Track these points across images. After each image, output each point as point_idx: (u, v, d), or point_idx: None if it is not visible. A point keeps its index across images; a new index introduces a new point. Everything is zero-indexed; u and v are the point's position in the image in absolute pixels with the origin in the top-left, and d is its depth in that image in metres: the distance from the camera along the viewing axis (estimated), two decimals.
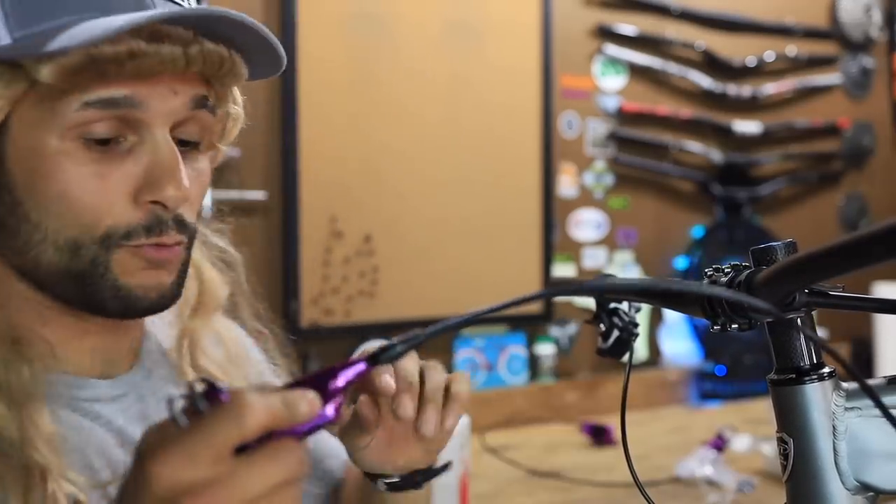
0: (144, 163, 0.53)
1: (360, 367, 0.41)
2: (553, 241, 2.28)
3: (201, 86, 0.55)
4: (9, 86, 0.49)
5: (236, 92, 0.60)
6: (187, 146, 0.56)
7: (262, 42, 0.54)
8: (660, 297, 0.61)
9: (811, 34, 2.72)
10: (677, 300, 0.58)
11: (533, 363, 2.21)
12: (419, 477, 0.66)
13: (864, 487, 0.51)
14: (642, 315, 0.94)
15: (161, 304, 0.56)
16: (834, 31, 2.76)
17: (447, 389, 0.61)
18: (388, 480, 0.65)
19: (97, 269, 0.53)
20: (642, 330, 2.26)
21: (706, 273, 0.54)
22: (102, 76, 0.50)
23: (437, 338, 0.41)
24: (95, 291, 0.54)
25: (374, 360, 0.41)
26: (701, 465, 1.60)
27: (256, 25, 0.53)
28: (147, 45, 0.49)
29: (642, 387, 2.27)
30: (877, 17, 2.82)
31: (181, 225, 0.55)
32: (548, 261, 2.26)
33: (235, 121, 0.60)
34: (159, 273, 0.55)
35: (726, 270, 0.52)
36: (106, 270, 0.53)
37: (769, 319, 0.53)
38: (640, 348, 2.36)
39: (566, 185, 2.33)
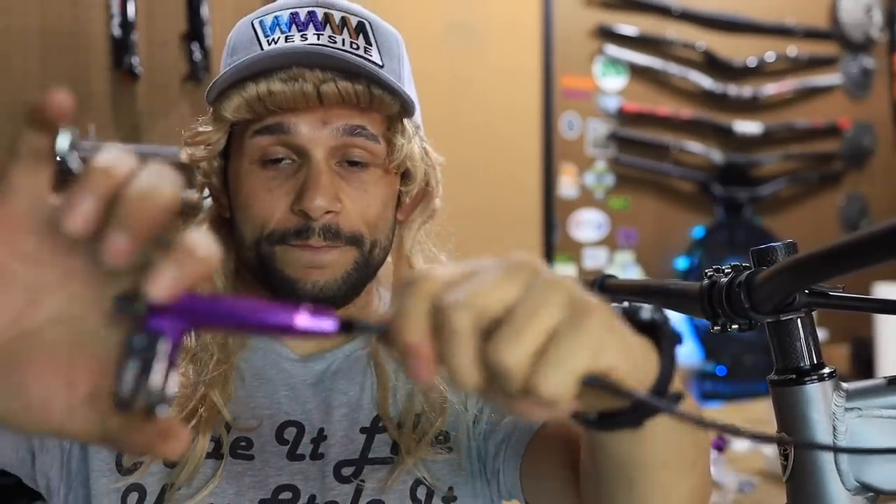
0: (301, 179, 0.65)
1: (329, 325, 0.34)
2: (554, 241, 2.28)
3: (359, 116, 0.66)
4: (218, 124, 0.67)
5: (407, 125, 0.70)
6: (356, 166, 0.67)
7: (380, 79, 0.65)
8: (660, 296, 0.61)
9: (812, 35, 2.71)
10: (676, 300, 0.58)
11: None
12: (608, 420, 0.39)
13: (864, 487, 0.51)
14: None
15: (320, 297, 0.66)
16: (834, 32, 2.76)
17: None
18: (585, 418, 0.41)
19: (268, 262, 0.66)
20: None
21: (706, 273, 0.54)
22: (261, 111, 0.64)
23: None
24: (271, 281, 0.67)
25: (348, 327, 0.34)
26: None
27: (362, 66, 0.64)
28: (282, 84, 0.63)
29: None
30: (877, 17, 2.82)
31: (330, 233, 0.65)
32: (549, 261, 2.26)
33: (400, 150, 0.68)
34: (315, 272, 0.66)
35: (727, 271, 0.53)
36: (273, 262, 0.66)
37: (770, 319, 0.53)
38: None
39: (567, 185, 2.33)
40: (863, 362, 2.53)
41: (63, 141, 0.33)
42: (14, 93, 1.63)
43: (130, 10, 1.70)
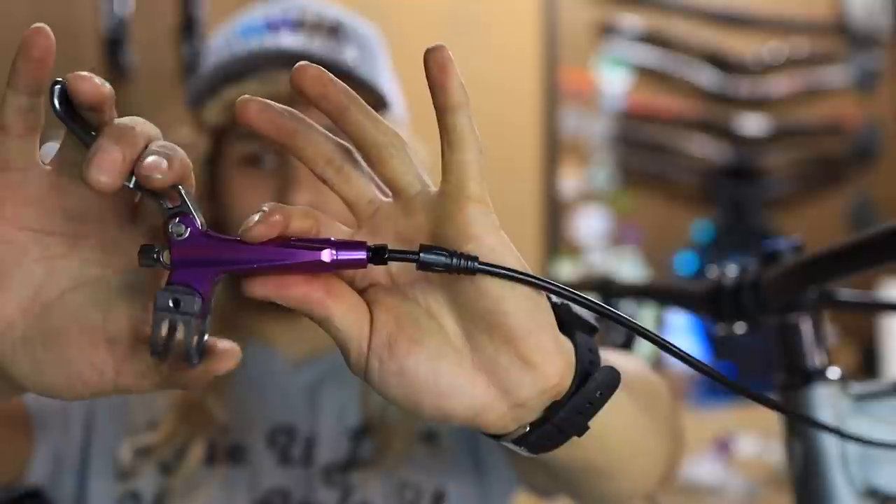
0: (283, 177, 0.66)
1: (360, 255, 0.31)
2: (555, 239, 2.28)
3: None
4: (200, 130, 0.69)
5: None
6: None
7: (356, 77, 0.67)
8: (665, 296, 0.60)
9: (819, 31, 2.70)
10: (682, 300, 0.57)
11: None
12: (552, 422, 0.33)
13: (873, 490, 0.50)
14: (647, 315, 0.93)
15: None
16: (842, 28, 2.74)
17: None
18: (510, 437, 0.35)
19: None
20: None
21: (712, 273, 0.53)
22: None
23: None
24: None
25: (379, 256, 0.31)
26: (706, 467, 1.59)
27: (335, 61, 0.66)
28: (256, 87, 0.64)
29: None
30: (885, 14, 2.80)
31: None
32: (550, 260, 2.25)
33: None
34: None
35: (733, 270, 0.52)
36: None
37: (777, 320, 0.52)
38: (644, 348, 2.35)
39: (569, 183, 2.33)
40: (868, 362, 2.52)
41: (58, 95, 0.32)
42: (3, 87, 1.63)
43: (124, 4, 1.69)
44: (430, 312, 0.32)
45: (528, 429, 0.33)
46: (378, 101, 0.69)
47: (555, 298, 0.36)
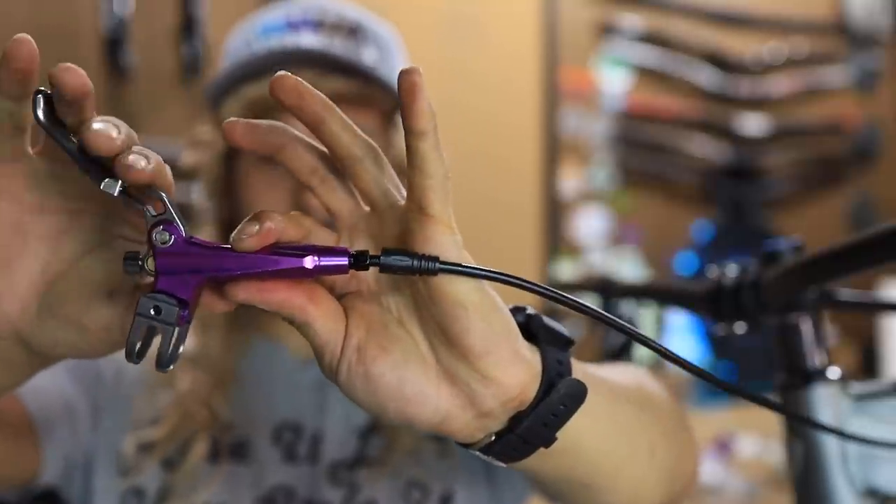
0: (295, 177, 0.64)
1: (342, 261, 0.32)
2: (555, 239, 2.28)
3: (355, 113, 0.69)
4: (218, 127, 0.67)
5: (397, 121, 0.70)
6: None
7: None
8: (665, 296, 0.60)
9: (819, 31, 2.70)
10: (682, 300, 0.57)
11: None
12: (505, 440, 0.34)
13: (873, 490, 0.50)
14: (648, 315, 0.93)
15: None
16: (842, 28, 2.74)
17: None
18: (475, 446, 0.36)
19: None
20: (646, 330, 2.24)
21: (712, 273, 0.53)
22: (259, 112, 0.64)
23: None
24: None
25: (359, 261, 0.32)
26: (706, 467, 1.59)
27: (347, 60, 0.67)
28: None
29: None
30: (886, 13, 2.80)
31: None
32: (550, 260, 2.25)
33: (396, 146, 0.69)
34: None
35: (733, 270, 0.52)
36: None
37: (778, 320, 0.52)
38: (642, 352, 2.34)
39: (569, 183, 2.32)
40: (868, 362, 2.52)
41: (40, 107, 0.33)
42: None
43: (124, 4, 1.69)
44: (400, 321, 0.33)
45: (493, 438, 0.34)
46: (396, 103, 0.69)
47: (530, 310, 0.36)
